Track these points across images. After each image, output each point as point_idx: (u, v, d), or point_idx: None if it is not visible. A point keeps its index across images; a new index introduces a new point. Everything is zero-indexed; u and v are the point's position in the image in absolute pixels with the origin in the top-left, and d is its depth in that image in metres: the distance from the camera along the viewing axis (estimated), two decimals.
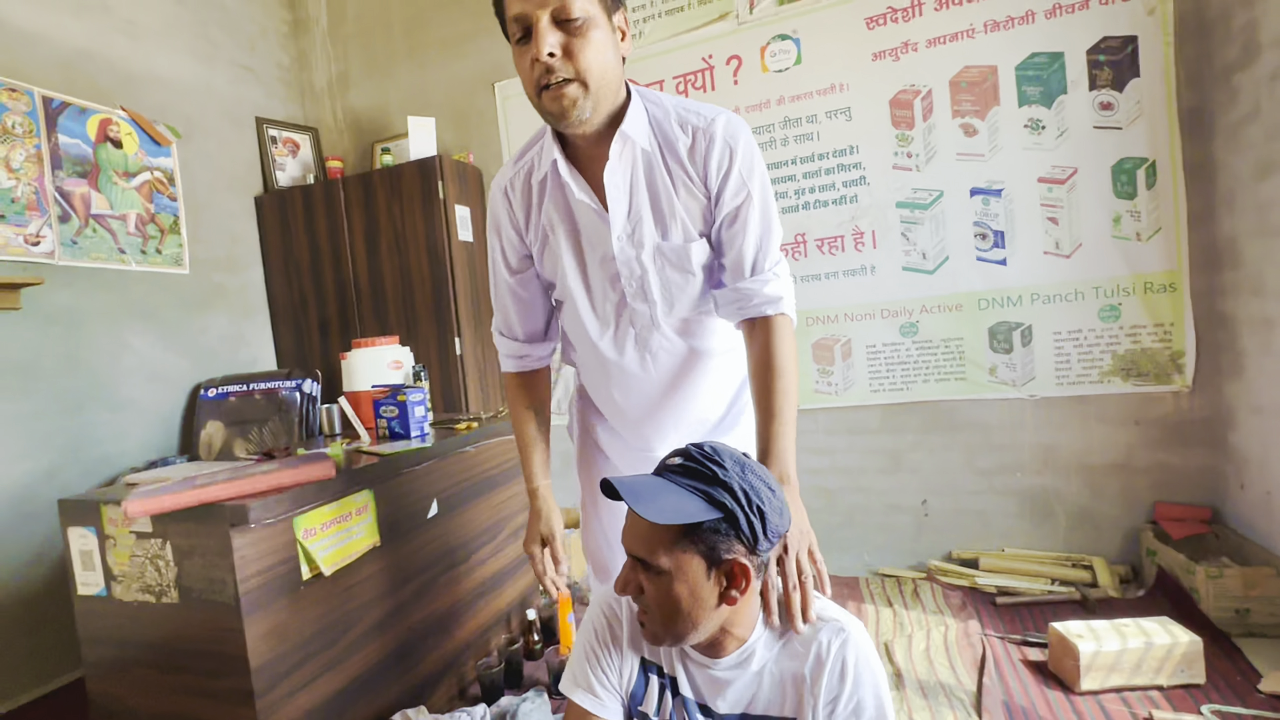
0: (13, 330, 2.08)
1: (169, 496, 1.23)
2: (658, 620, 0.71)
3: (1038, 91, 2.11)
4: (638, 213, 0.97)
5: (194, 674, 1.29)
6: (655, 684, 0.80)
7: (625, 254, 0.98)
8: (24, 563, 2.08)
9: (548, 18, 0.81)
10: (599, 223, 0.98)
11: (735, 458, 0.74)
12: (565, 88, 0.84)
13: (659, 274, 1.00)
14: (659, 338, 1.05)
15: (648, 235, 0.98)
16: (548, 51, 0.81)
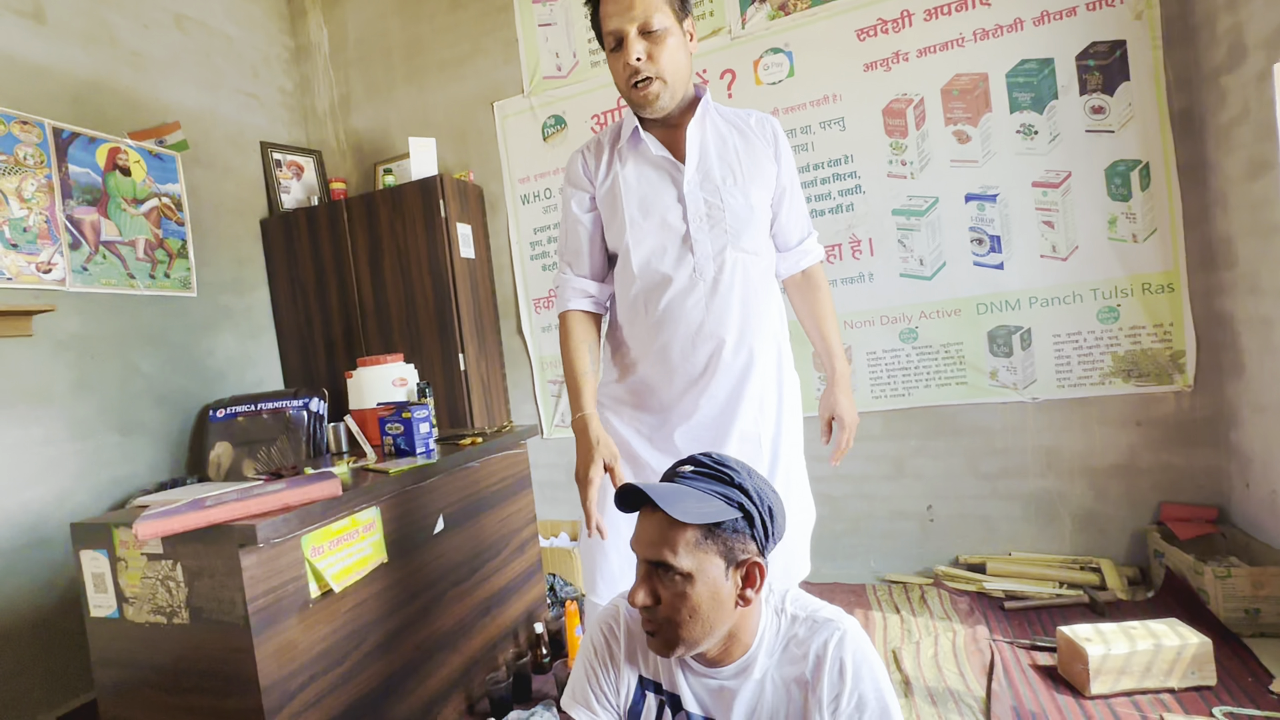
0: (25, 357, 2.12)
1: (178, 518, 1.25)
2: (673, 627, 0.72)
3: (1029, 97, 2.14)
4: (707, 163, 1.18)
5: (204, 694, 1.30)
6: (653, 700, 0.81)
7: (694, 194, 1.17)
8: (38, 587, 2.10)
9: (635, 30, 1.06)
10: (672, 170, 1.18)
11: (743, 465, 0.79)
12: (650, 84, 1.10)
13: (725, 209, 1.17)
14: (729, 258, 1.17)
15: (716, 180, 1.17)
16: (636, 57, 1.07)
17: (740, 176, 1.18)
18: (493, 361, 2.89)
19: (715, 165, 1.17)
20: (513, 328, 2.94)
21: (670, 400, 1.22)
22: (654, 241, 1.19)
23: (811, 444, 2.45)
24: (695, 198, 1.16)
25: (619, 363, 1.31)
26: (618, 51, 1.09)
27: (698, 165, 1.17)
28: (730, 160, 1.18)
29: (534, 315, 2.90)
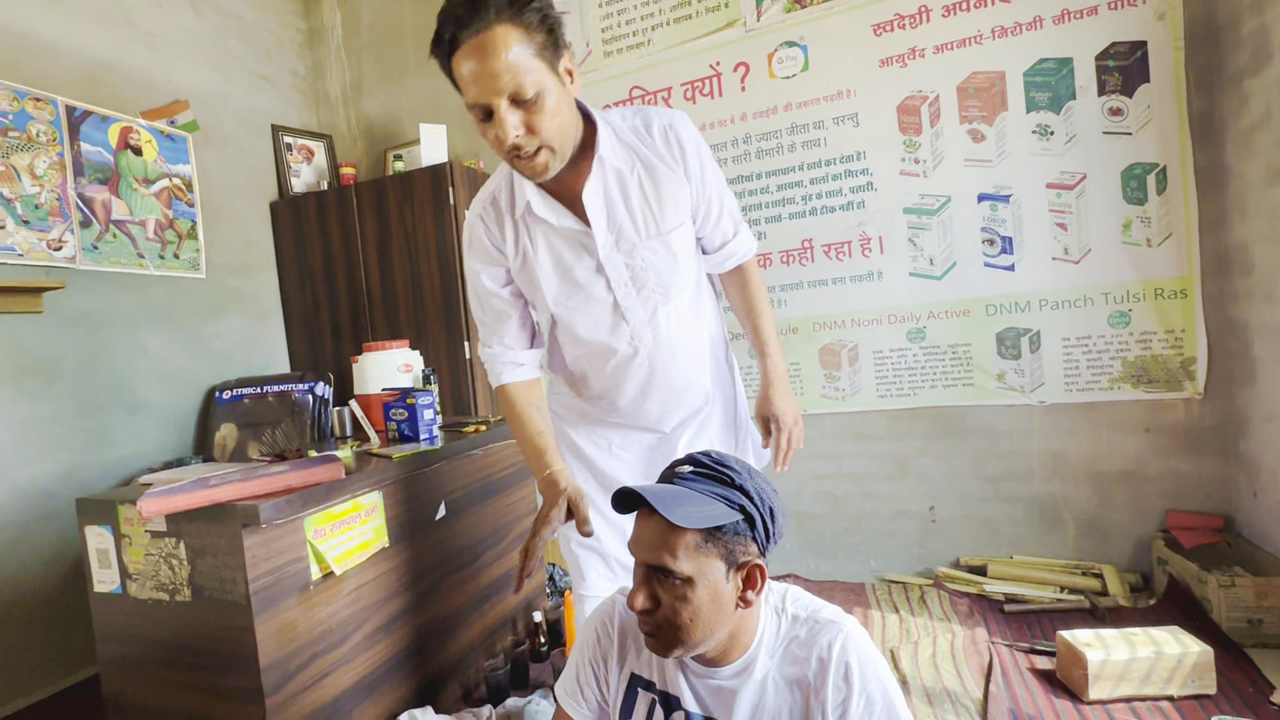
0: (35, 333, 2.13)
1: (182, 496, 1.25)
2: (672, 630, 0.71)
3: (1046, 97, 2.11)
4: (618, 222, 1.06)
5: (205, 671, 1.31)
6: (644, 699, 0.81)
7: (613, 261, 1.08)
8: (43, 561, 2.12)
9: (505, 102, 0.87)
10: (583, 238, 1.07)
11: (742, 464, 0.77)
12: (535, 156, 0.93)
13: (647, 268, 1.09)
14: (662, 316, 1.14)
15: (631, 238, 1.07)
16: (514, 136, 0.89)
17: (655, 223, 1.07)
18: None
19: (625, 220, 1.05)
20: None
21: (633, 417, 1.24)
22: (584, 316, 1.13)
23: (818, 443, 2.46)
24: (614, 263, 1.07)
25: (569, 384, 1.30)
26: (488, 123, 0.90)
27: (607, 225, 1.05)
28: (640, 208, 1.06)
29: None
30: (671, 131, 1.05)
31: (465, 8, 0.84)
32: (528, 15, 0.85)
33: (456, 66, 0.88)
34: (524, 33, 0.85)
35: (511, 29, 0.85)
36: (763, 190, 2.47)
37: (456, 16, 0.85)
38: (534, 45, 0.87)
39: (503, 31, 0.84)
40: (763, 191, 2.47)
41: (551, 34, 0.88)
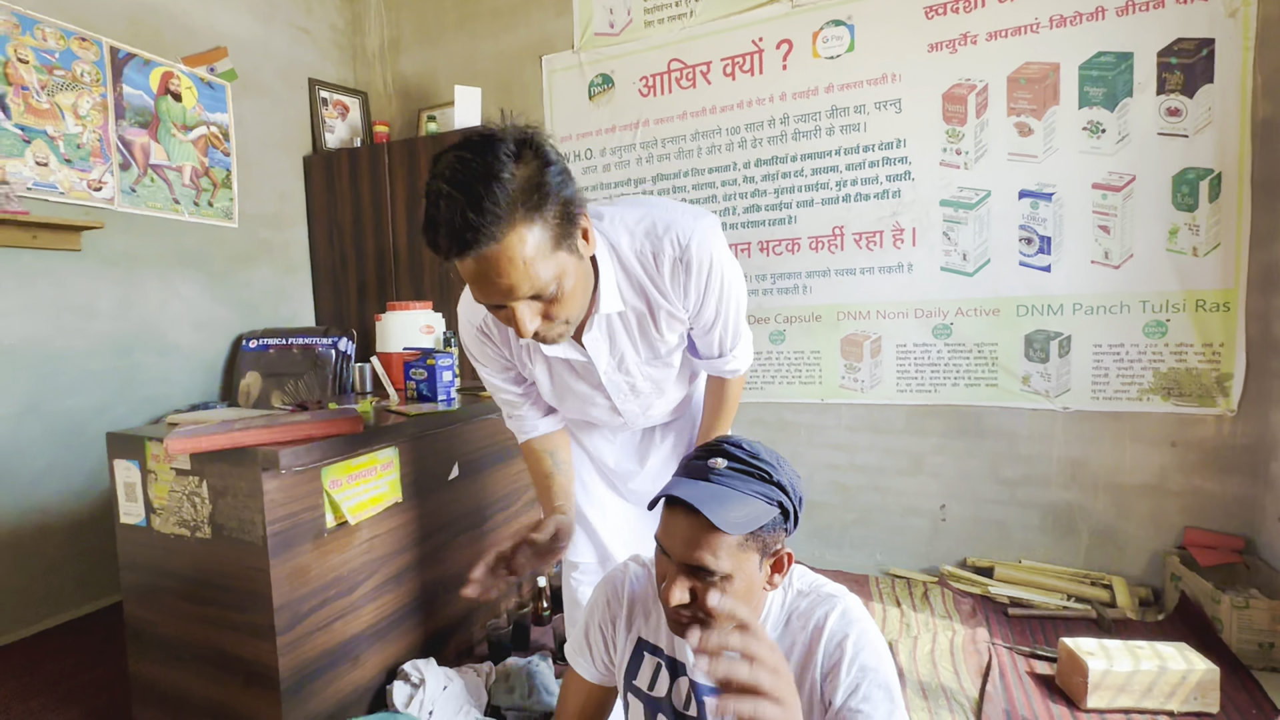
0: (73, 271, 2.19)
1: (207, 438, 1.29)
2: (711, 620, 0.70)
3: (1101, 93, 2.03)
4: (619, 350, 1.03)
5: (221, 606, 1.36)
6: (650, 661, 0.82)
7: (613, 380, 1.07)
8: (73, 492, 2.21)
9: (523, 302, 0.77)
10: (585, 365, 1.04)
11: (771, 453, 0.75)
12: (550, 334, 0.85)
13: (646, 379, 1.10)
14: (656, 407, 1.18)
15: (632, 362, 1.05)
16: (532, 329, 0.80)
17: (654, 349, 1.05)
18: None
19: (627, 349, 1.03)
20: None
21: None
22: (580, 413, 1.17)
23: (832, 433, 2.44)
24: (615, 382, 1.07)
25: None
26: (499, 309, 0.80)
27: (609, 354, 1.03)
28: (641, 339, 1.03)
29: None
30: (680, 265, 0.94)
31: (464, 215, 0.68)
32: (547, 207, 0.73)
33: (459, 265, 0.75)
34: (541, 228, 0.73)
35: (528, 230, 0.72)
36: (797, 174, 2.42)
37: (454, 228, 0.69)
38: (551, 237, 0.74)
39: (518, 238, 0.71)
40: (796, 175, 2.42)
41: (566, 209, 0.76)
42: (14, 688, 1.78)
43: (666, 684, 0.80)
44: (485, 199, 0.68)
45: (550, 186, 0.73)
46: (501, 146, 0.71)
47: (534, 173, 0.72)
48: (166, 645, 1.46)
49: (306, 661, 1.36)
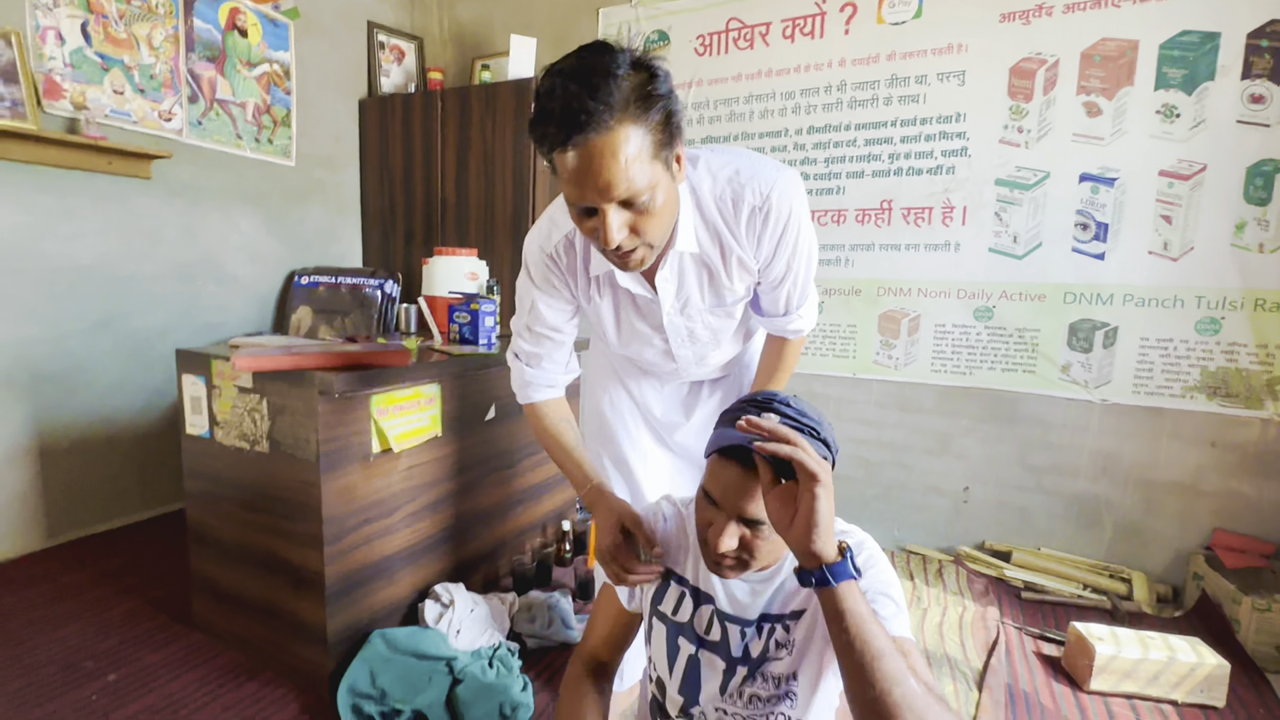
0: (142, 198, 2.30)
1: (270, 358, 1.38)
2: (748, 564, 0.75)
3: (1180, 75, 1.93)
4: (685, 294, 1.05)
5: (275, 515, 1.47)
6: (675, 590, 0.88)
7: (674, 323, 1.09)
8: (138, 407, 2.37)
9: (615, 206, 0.78)
10: (650, 304, 1.07)
11: (816, 410, 0.77)
12: (633, 254, 0.85)
13: (706, 328, 1.12)
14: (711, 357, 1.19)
15: (695, 308, 1.07)
16: (618, 239, 0.80)
17: (720, 297, 1.06)
18: None
19: (694, 293, 1.05)
20: None
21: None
22: (636, 354, 1.20)
23: (861, 407, 2.45)
24: (675, 325, 1.09)
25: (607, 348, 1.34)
26: (588, 218, 0.82)
27: (675, 296, 1.04)
28: (709, 285, 1.04)
29: None
30: (759, 214, 0.95)
31: (580, 101, 0.71)
32: (653, 112, 0.75)
33: (560, 160, 0.77)
34: (646, 131, 0.75)
35: (634, 129, 0.74)
36: (849, 143, 2.38)
37: (569, 112, 0.72)
38: (653, 144, 0.77)
39: (624, 134, 0.74)
40: (849, 144, 2.38)
41: (669, 123, 0.78)
42: (83, 576, 1.96)
43: (690, 610, 0.86)
44: (600, 89, 0.72)
45: (660, 96, 0.76)
46: (619, 54, 0.75)
47: (646, 80, 0.76)
48: (224, 547, 1.59)
49: (349, 572, 1.47)
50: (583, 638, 0.98)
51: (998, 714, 1.46)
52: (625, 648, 0.97)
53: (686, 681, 0.84)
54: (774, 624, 0.81)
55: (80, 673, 1.51)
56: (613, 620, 0.94)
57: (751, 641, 0.81)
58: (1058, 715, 1.49)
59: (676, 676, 0.85)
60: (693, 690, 0.84)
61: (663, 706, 0.88)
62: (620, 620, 0.94)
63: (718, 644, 0.83)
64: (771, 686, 0.80)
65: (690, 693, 0.84)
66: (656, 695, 0.89)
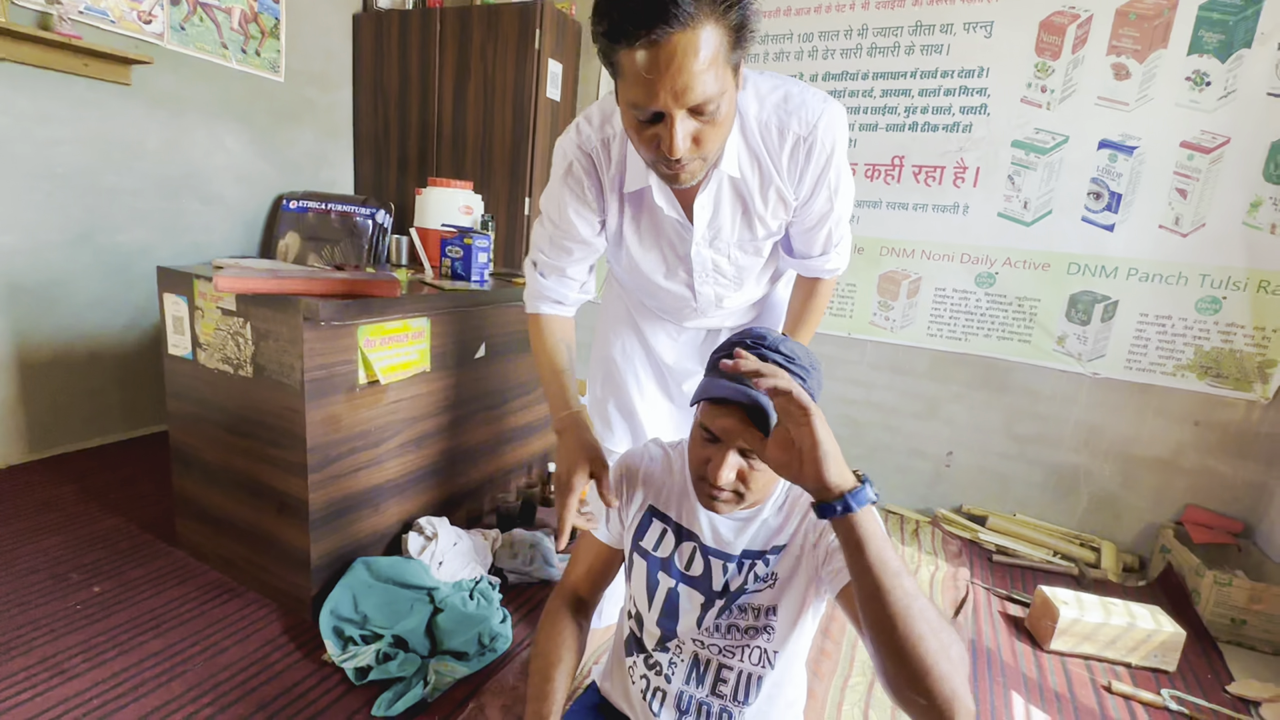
0: (122, 105, 2.19)
1: (254, 280, 1.33)
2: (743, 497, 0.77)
3: (1216, 40, 1.85)
4: (718, 224, 1.02)
5: (259, 440, 1.46)
6: (658, 526, 0.89)
7: (701, 255, 1.06)
8: (120, 325, 2.32)
9: (684, 112, 0.74)
10: (680, 229, 1.03)
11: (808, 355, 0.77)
12: (687, 165, 0.81)
13: (732, 264, 1.08)
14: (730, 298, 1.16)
15: (725, 239, 1.04)
16: (683, 151, 0.76)
17: (752, 232, 1.02)
18: None
19: (726, 224, 1.01)
20: None
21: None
22: (656, 288, 1.15)
23: (853, 368, 2.45)
24: (701, 257, 1.06)
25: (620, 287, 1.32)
26: (649, 125, 0.77)
27: (709, 224, 1.01)
28: (743, 217, 1.01)
29: None
30: (803, 145, 0.92)
31: None
32: (733, 12, 0.70)
33: (628, 58, 0.71)
34: (724, 32, 0.71)
35: (715, 29, 0.69)
36: (865, 93, 2.29)
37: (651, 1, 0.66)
38: (728, 48, 0.72)
39: (706, 33, 0.69)
40: (865, 94, 2.29)
41: (744, 27, 0.73)
42: (66, 491, 1.96)
43: (671, 546, 0.87)
44: None
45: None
46: None
47: None
48: (208, 470, 1.58)
49: (333, 500, 1.47)
50: (564, 574, 0.99)
51: None
52: (605, 584, 0.98)
53: (665, 614, 0.86)
54: (755, 559, 0.83)
55: (66, 583, 1.52)
56: (594, 557, 0.96)
57: (732, 576, 0.83)
58: (1016, 670, 1.55)
59: (655, 609, 0.87)
60: (671, 622, 0.86)
61: (640, 640, 0.90)
62: (601, 557, 0.95)
63: (699, 578, 0.85)
64: (750, 618, 0.82)
65: (668, 625, 0.86)
66: (634, 629, 0.91)
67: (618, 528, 0.94)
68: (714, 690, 0.85)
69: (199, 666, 1.30)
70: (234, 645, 1.37)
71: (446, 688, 1.28)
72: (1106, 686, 1.52)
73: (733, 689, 0.84)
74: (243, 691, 1.25)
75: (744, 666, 0.83)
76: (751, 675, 0.83)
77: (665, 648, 0.87)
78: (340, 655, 1.32)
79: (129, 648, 1.33)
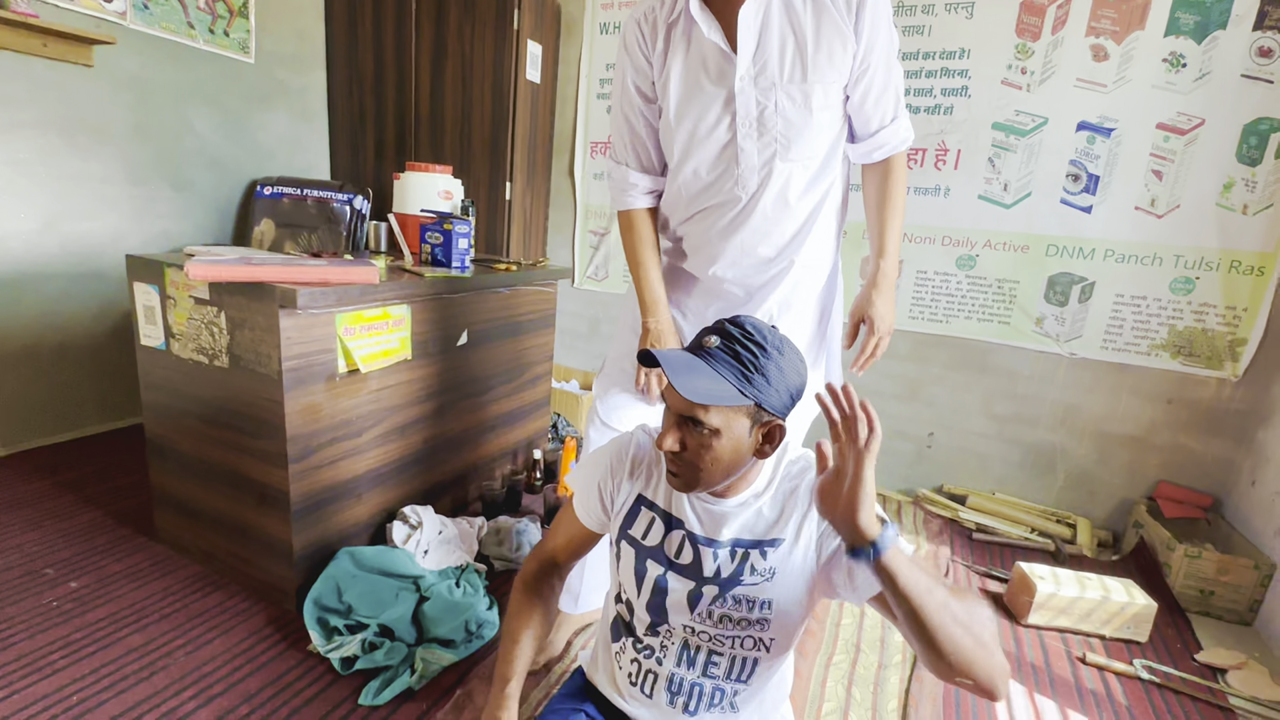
0: (85, 88, 2.11)
1: (227, 268, 1.30)
2: (694, 471, 0.77)
3: (1193, 21, 1.86)
4: (765, 54, 1.00)
5: (237, 432, 1.44)
6: (646, 515, 0.89)
7: (746, 95, 1.02)
8: (90, 315, 2.26)
9: None
10: (724, 63, 1.02)
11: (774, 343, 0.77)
12: None
13: (779, 114, 1.03)
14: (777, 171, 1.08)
15: (773, 76, 1.02)
16: None
17: (802, 69, 1.00)
18: (538, 197, 2.83)
19: (774, 56, 1.00)
20: (564, 167, 2.85)
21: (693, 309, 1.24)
22: (699, 149, 1.10)
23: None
24: (747, 98, 1.02)
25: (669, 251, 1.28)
26: None
27: (754, 56, 1.00)
28: (793, 49, 1.00)
29: (588, 159, 2.79)
30: None
31: None
32: None
33: None
34: None
35: None
36: None
37: None
38: None
39: None
40: None
41: None
42: (41, 486, 1.92)
43: (660, 535, 0.87)
44: None
45: None
46: None
47: None
48: (185, 462, 1.56)
49: (315, 491, 1.45)
50: (544, 538, 1.02)
51: None
52: (580, 556, 1.01)
53: (654, 601, 0.87)
54: (748, 549, 0.83)
55: (40, 579, 1.50)
56: (575, 531, 0.98)
57: (723, 563, 0.83)
58: None
59: (644, 597, 0.88)
60: (660, 610, 0.87)
61: (629, 625, 0.91)
62: (580, 534, 0.98)
63: (688, 566, 0.85)
64: (744, 610, 0.83)
65: (657, 613, 0.87)
66: (623, 614, 0.92)
67: (599, 515, 0.94)
68: (705, 672, 0.86)
69: (182, 660, 1.29)
70: (217, 638, 1.36)
71: (434, 675, 1.28)
72: (1081, 658, 1.56)
73: (725, 670, 0.86)
74: (227, 684, 1.24)
75: (737, 652, 0.85)
76: (746, 659, 0.85)
77: (655, 633, 0.88)
78: (325, 645, 1.31)
79: (109, 643, 1.32)
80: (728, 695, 0.87)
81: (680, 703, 0.87)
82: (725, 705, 0.87)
